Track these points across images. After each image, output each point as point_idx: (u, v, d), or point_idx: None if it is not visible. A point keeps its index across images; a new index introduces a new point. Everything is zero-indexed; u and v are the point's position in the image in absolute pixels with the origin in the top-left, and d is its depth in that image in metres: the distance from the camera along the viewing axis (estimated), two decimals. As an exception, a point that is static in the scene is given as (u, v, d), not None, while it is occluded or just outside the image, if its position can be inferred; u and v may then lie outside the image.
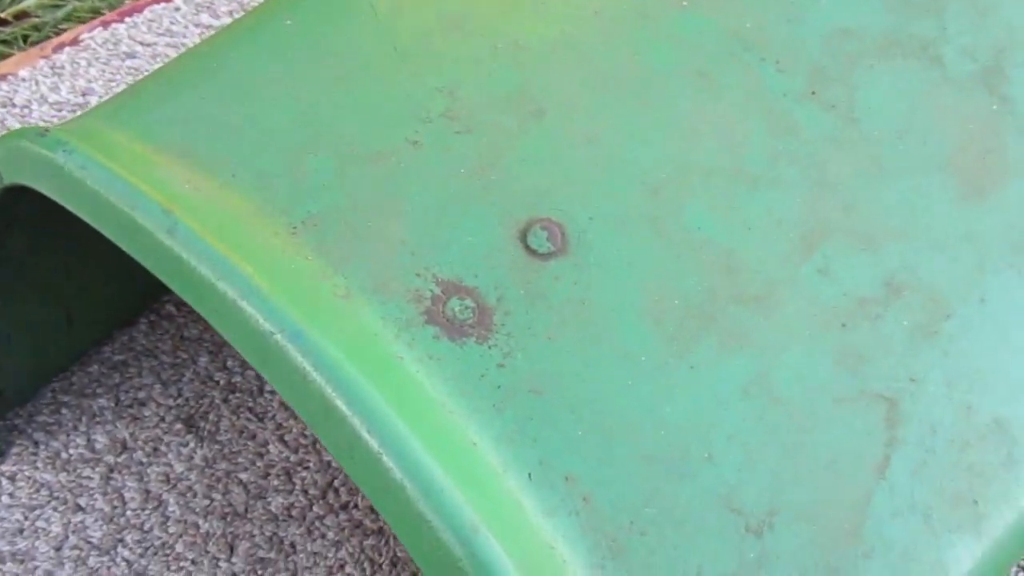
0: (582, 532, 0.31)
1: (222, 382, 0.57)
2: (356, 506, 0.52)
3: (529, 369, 0.34)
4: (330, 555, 0.51)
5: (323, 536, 0.51)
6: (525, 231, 0.37)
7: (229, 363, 0.58)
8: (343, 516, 0.52)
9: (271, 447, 0.54)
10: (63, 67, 0.72)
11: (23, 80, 0.71)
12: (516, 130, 0.39)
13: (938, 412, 0.35)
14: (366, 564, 0.50)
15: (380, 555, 0.51)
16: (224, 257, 0.33)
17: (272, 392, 0.56)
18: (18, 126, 0.68)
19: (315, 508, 0.52)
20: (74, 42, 0.74)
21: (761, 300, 0.37)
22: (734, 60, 0.42)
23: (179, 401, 0.56)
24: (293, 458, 0.54)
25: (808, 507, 0.33)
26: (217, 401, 0.56)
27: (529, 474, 0.32)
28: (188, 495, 0.52)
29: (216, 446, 0.54)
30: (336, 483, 0.53)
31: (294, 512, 0.52)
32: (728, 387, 0.35)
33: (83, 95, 0.71)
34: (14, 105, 0.70)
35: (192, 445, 0.54)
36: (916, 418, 0.35)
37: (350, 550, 0.51)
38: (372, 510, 0.52)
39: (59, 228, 0.46)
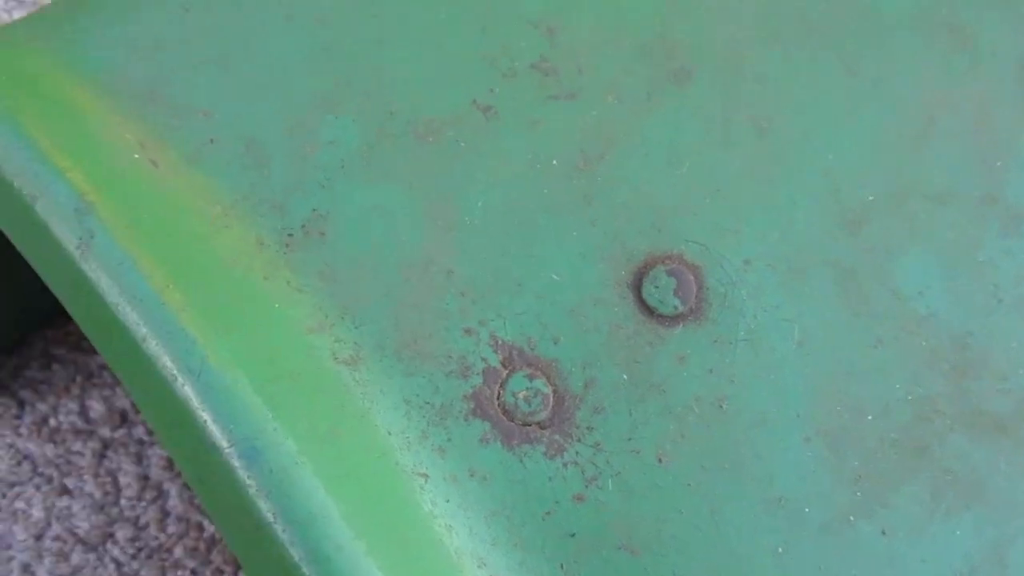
0: None
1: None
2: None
3: (623, 509, 0.22)
4: None
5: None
6: (640, 275, 0.24)
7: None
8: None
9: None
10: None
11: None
12: (645, 102, 0.25)
13: None
14: None
15: None
16: (161, 300, 0.21)
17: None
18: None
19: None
20: None
21: (1005, 427, 0.23)
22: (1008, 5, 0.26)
23: (193, 367, 0.46)
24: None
25: None
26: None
27: None
28: (193, 487, 0.43)
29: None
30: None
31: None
32: (937, 573, 0.22)
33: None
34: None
35: (203, 425, 0.44)
36: None
37: None
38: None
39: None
